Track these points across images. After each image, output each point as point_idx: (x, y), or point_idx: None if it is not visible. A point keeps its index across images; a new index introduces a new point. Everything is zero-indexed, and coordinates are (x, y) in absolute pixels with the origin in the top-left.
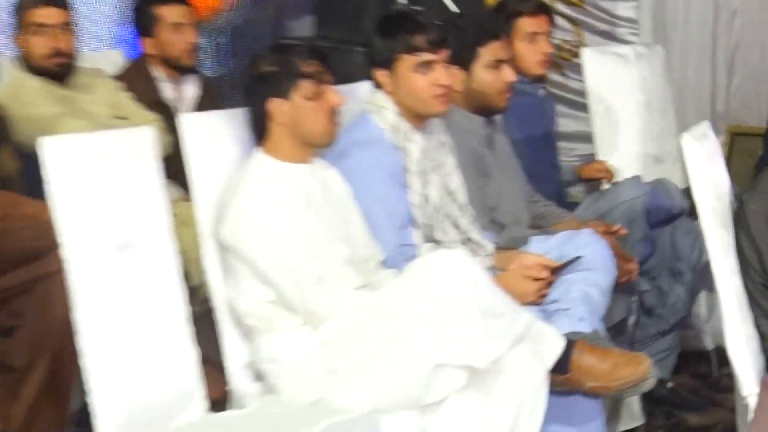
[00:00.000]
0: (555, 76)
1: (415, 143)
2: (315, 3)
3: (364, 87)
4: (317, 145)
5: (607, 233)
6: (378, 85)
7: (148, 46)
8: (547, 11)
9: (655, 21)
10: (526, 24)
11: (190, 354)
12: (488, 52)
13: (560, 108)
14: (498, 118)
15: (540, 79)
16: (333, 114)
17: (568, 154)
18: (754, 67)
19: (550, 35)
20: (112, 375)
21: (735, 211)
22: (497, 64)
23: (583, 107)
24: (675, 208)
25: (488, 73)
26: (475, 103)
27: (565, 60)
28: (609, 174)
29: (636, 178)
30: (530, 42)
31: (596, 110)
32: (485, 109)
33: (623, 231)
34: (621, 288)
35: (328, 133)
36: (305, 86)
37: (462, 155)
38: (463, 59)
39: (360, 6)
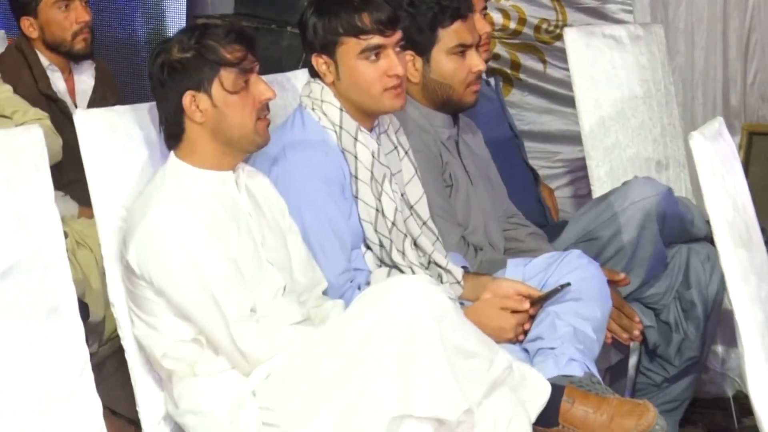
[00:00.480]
0: (533, 63)
1: (365, 145)
2: None
3: (299, 77)
4: (245, 148)
5: (610, 282)
6: (316, 75)
7: (28, 27)
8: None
9: None
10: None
11: (91, 404)
12: (451, 34)
13: (540, 103)
14: (464, 116)
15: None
16: (262, 110)
17: (552, 159)
18: None
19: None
20: None
21: None
22: (462, 49)
23: (568, 101)
24: (696, 227)
25: (451, 60)
26: (435, 98)
27: (545, 44)
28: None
29: (648, 178)
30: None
31: (584, 105)
32: (448, 105)
33: (626, 280)
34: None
35: (256, 133)
36: (227, 76)
37: (422, 161)
38: (419, 44)
39: None
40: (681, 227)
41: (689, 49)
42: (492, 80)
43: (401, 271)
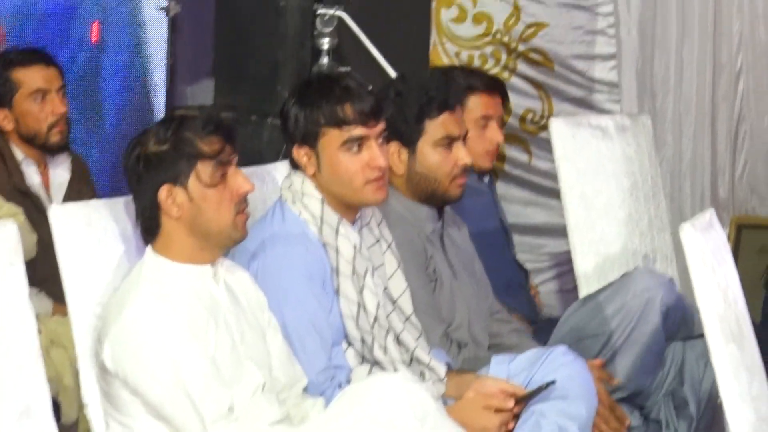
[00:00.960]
0: (517, 154)
1: (346, 239)
2: (216, 62)
3: (279, 169)
4: (223, 243)
5: (601, 380)
6: (297, 167)
7: (3, 119)
8: (502, 90)
9: (640, 84)
10: (477, 104)
11: None
12: (437, 126)
13: (525, 195)
14: (449, 209)
15: (484, 173)
16: (240, 203)
17: (537, 252)
18: (764, 142)
19: (503, 122)
20: None
21: None
22: (449, 141)
23: (554, 193)
24: (695, 322)
25: (437, 152)
26: (420, 191)
27: (530, 134)
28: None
29: (648, 269)
30: (480, 127)
31: (569, 197)
32: (433, 198)
33: (617, 382)
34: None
35: (235, 228)
36: (205, 169)
37: (405, 254)
38: (405, 135)
39: (273, 67)
40: (682, 322)
41: (677, 139)
42: (486, 177)
43: (383, 369)
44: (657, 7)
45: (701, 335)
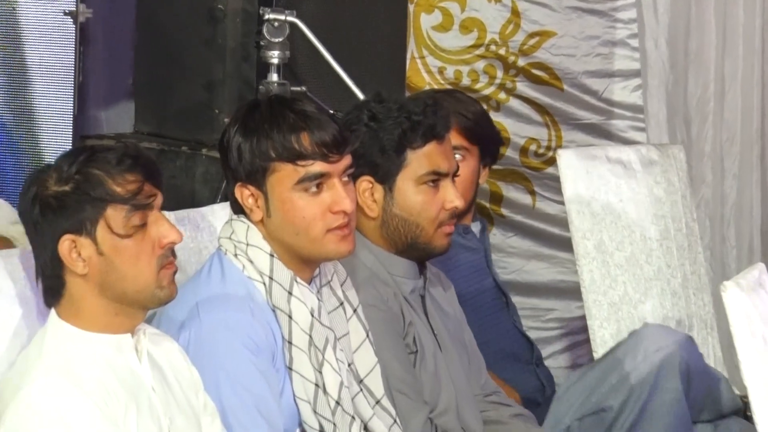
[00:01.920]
0: (518, 195)
1: (302, 302)
2: (136, 80)
3: (217, 213)
4: (142, 306)
5: None
6: (241, 211)
7: None
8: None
9: (670, 108)
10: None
11: None
12: (422, 158)
13: (528, 246)
14: (432, 265)
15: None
16: (165, 256)
17: (543, 318)
18: None
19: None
20: None
21: None
22: (435, 178)
23: (563, 244)
24: (725, 397)
25: (420, 192)
26: (397, 239)
27: (534, 170)
28: None
29: (661, 325)
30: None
31: (582, 249)
32: (414, 250)
33: None
34: None
35: (158, 287)
36: (116, 215)
37: (377, 320)
38: (380, 168)
39: (209, 86)
40: (708, 394)
41: (718, 177)
42: (478, 224)
43: None
44: (691, 13)
45: (735, 413)
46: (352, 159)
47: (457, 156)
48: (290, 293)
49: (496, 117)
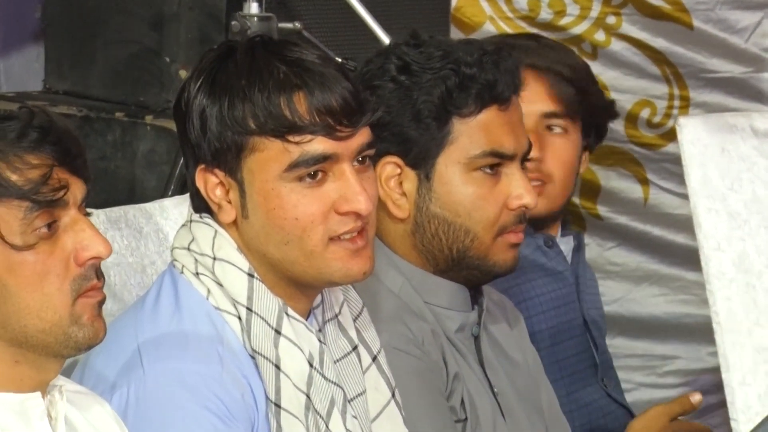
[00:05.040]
0: (624, 185)
1: (295, 344)
2: (47, 17)
3: (169, 210)
4: (53, 351)
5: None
6: (205, 208)
7: None
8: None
9: None
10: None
11: None
12: (476, 131)
13: (637, 261)
14: (492, 289)
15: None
16: (86, 278)
17: (659, 371)
18: None
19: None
20: None
21: None
22: (496, 161)
23: (689, 259)
24: None
25: (472, 181)
26: (438, 253)
27: (648, 148)
28: None
29: None
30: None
31: (715, 267)
32: (463, 267)
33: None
34: None
35: (74, 323)
36: (12, 217)
37: (407, 372)
38: (412, 147)
39: (155, 25)
40: None
41: None
42: (570, 240)
43: None
44: None
45: None
46: (371, 133)
47: (556, 130)
48: (278, 332)
49: (597, 67)
